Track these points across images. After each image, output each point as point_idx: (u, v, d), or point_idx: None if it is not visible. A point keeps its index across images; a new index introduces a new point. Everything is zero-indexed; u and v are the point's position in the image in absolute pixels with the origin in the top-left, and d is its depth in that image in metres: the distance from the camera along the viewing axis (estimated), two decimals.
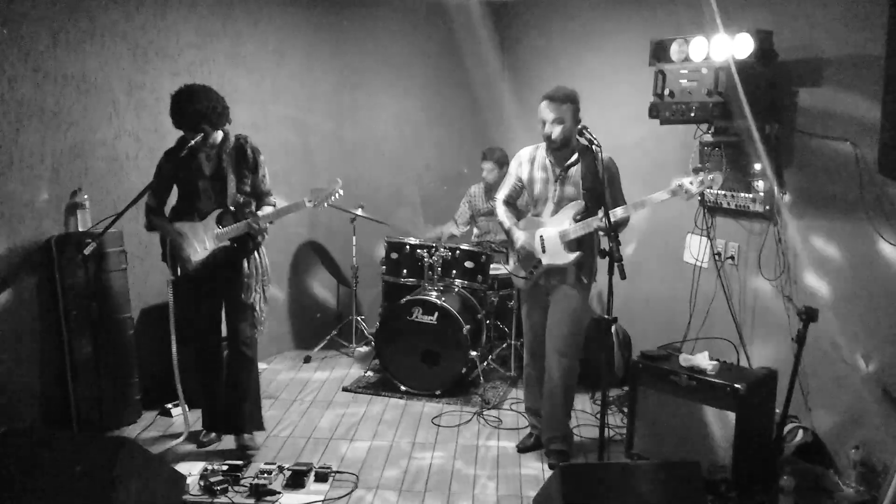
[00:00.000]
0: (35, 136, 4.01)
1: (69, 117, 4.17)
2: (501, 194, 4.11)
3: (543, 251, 3.89)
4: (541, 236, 3.89)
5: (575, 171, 3.84)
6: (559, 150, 3.82)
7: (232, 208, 3.97)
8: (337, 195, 3.99)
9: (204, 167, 3.97)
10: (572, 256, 3.81)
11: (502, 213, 4.08)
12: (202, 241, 3.96)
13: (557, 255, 3.85)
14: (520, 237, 3.94)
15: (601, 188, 3.54)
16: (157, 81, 4.63)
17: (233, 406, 4.09)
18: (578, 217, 3.79)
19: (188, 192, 3.99)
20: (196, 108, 3.78)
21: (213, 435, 4.22)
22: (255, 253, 4.06)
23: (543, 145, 3.89)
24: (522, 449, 4.19)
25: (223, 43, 5.06)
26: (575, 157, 3.84)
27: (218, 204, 3.98)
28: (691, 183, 3.55)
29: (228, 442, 4.18)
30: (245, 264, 4.03)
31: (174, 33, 4.71)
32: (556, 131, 3.73)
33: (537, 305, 4.04)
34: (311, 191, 3.99)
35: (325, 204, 3.98)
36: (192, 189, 3.97)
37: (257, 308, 4.09)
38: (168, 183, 4.00)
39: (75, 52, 4.16)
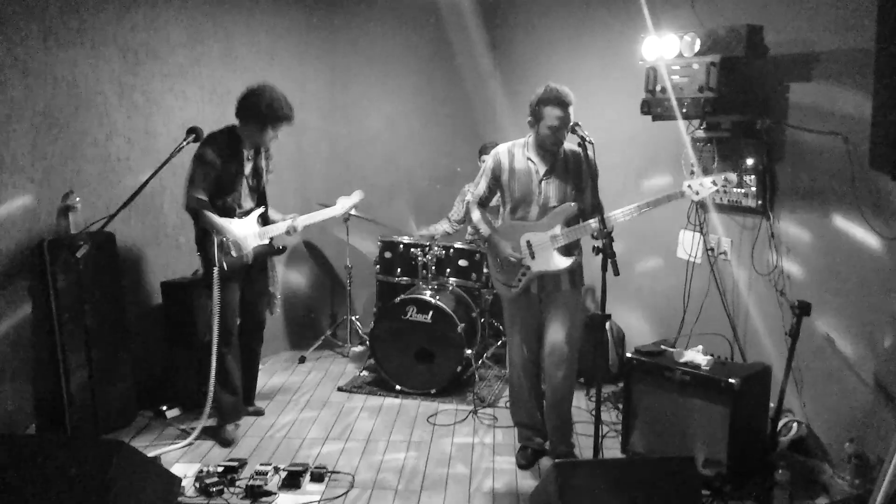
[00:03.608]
0: (26, 138, 3.99)
1: (60, 119, 4.15)
2: (475, 196, 3.92)
3: (532, 257, 3.74)
4: (528, 241, 3.73)
5: (560, 172, 3.72)
6: (549, 150, 3.72)
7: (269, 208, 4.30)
8: (356, 202, 4.59)
9: (246, 165, 4.14)
10: (568, 262, 3.69)
11: (479, 217, 3.90)
12: (245, 239, 4.13)
13: (549, 261, 3.70)
14: (505, 245, 3.76)
15: (594, 189, 3.49)
16: (148, 83, 4.62)
17: (251, 379, 4.56)
18: (570, 220, 3.69)
19: (229, 190, 4.10)
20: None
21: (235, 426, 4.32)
22: None
23: (521, 144, 3.78)
24: (526, 465, 3.96)
25: (214, 43, 5.04)
26: (561, 156, 3.73)
27: (256, 203, 4.24)
28: (701, 185, 3.52)
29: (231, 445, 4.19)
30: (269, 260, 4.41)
31: (165, 34, 4.69)
32: (563, 134, 3.61)
33: (530, 315, 3.88)
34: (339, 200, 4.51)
35: (351, 213, 4.59)
36: (235, 187, 4.11)
37: (278, 295, 4.52)
38: (215, 178, 4.04)
39: (66, 53, 4.14)
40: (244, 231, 4.14)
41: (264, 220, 4.27)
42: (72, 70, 4.18)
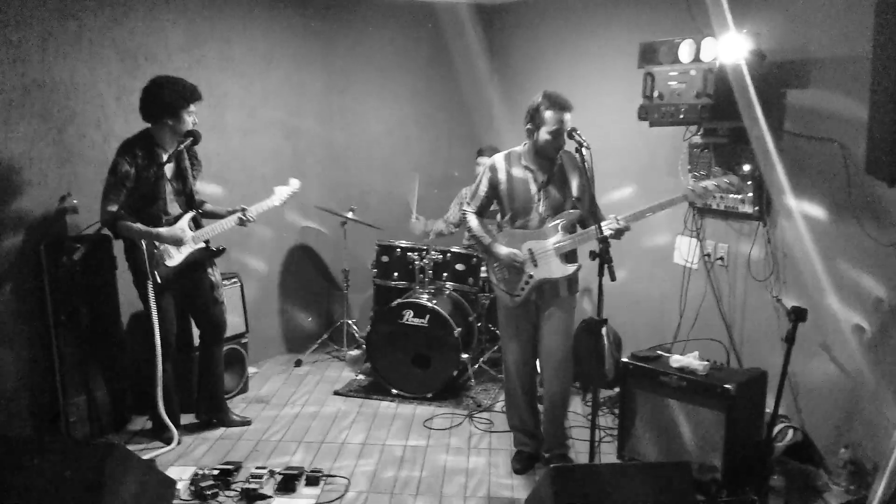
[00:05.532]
0: (24, 141, 3.99)
1: (58, 122, 4.15)
2: (473, 206, 3.91)
3: (535, 265, 3.75)
4: (529, 250, 3.74)
5: (558, 180, 3.73)
6: (548, 157, 3.72)
7: (201, 210, 4.13)
8: (293, 191, 4.39)
9: (166, 169, 3.97)
10: (571, 269, 3.70)
11: (477, 226, 3.89)
12: (178, 245, 4.01)
13: (553, 269, 3.71)
14: (507, 253, 3.76)
15: (592, 195, 3.49)
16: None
17: (219, 392, 4.44)
18: (570, 227, 3.70)
19: (152, 197, 3.94)
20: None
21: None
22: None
23: (518, 153, 3.77)
24: (521, 470, 3.95)
25: (212, 47, 5.05)
26: (559, 163, 3.74)
27: (185, 206, 4.07)
28: (704, 188, 3.51)
29: (221, 447, 4.17)
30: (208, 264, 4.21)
31: (163, 37, 4.70)
32: (563, 140, 3.60)
33: (526, 320, 3.88)
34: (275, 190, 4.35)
35: (284, 200, 4.33)
36: (158, 193, 3.95)
37: (223, 300, 4.35)
38: (130, 185, 3.86)
39: (64, 56, 4.14)
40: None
41: (196, 224, 4.13)
42: (70, 73, 4.18)
